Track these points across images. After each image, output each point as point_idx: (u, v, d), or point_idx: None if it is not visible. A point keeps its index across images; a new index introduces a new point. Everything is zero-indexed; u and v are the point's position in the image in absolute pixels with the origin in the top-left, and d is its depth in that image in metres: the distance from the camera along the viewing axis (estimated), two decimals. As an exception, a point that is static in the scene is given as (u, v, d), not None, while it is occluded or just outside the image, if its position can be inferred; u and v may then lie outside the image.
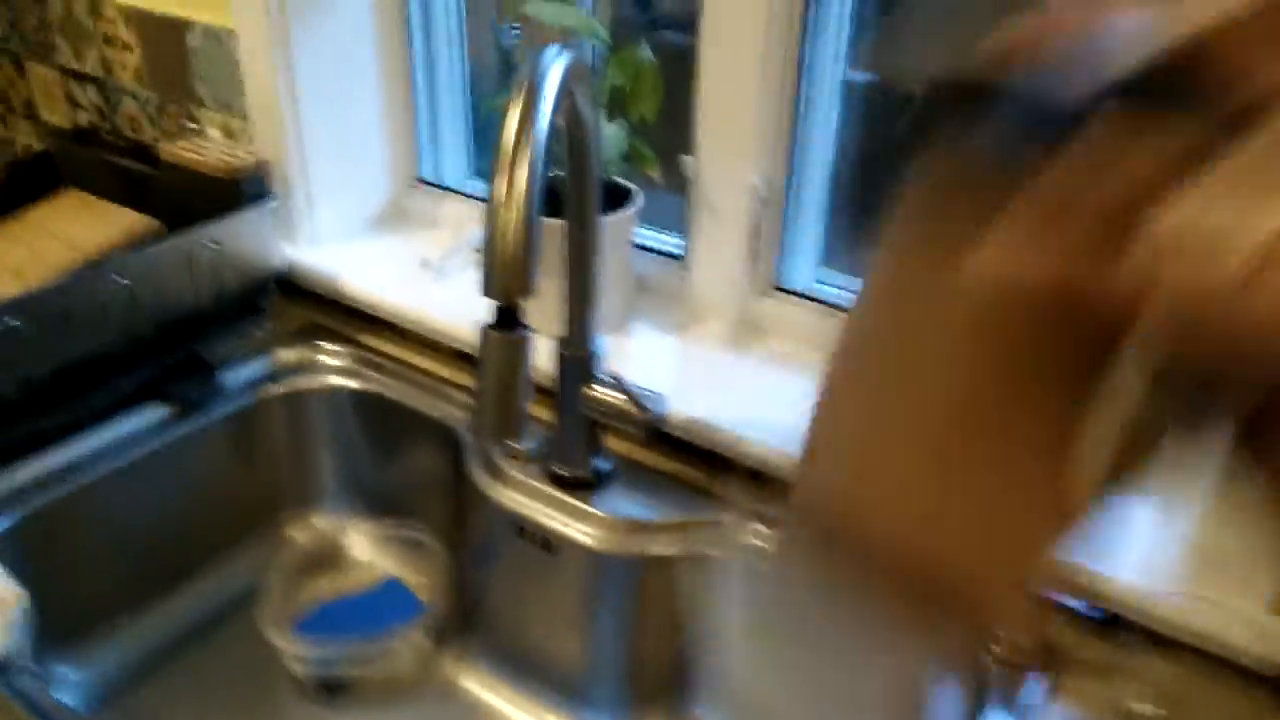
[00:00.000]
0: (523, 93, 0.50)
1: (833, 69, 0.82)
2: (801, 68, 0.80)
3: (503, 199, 0.49)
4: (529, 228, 0.49)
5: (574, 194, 0.67)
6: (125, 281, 0.82)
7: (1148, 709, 0.59)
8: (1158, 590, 0.61)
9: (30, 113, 1.29)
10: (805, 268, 0.90)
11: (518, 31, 1.07)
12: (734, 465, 0.79)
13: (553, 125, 0.51)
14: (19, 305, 0.77)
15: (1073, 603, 0.66)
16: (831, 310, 0.88)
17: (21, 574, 0.73)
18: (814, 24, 0.79)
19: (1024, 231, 0.22)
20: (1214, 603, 0.59)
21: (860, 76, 0.86)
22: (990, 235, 0.23)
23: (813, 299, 0.89)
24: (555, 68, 0.53)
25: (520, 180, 0.49)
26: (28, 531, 0.80)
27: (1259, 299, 0.19)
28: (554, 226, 0.72)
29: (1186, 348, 0.20)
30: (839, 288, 0.89)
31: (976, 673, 0.61)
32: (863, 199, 0.89)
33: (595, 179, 0.66)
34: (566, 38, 0.86)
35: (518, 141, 0.49)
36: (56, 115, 1.25)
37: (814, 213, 0.88)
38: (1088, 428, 0.24)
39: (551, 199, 0.70)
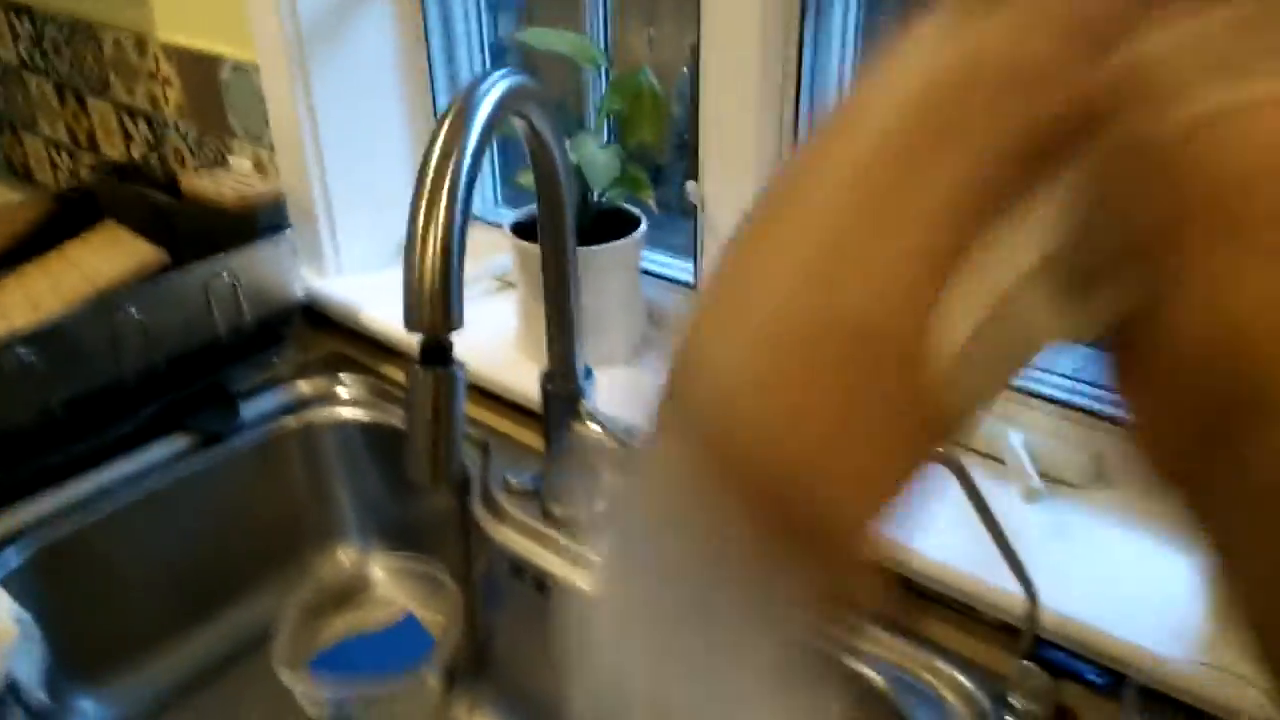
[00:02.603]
0: (448, 120, 0.48)
1: (839, 84, 0.78)
2: (800, 85, 0.76)
3: (421, 231, 0.47)
4: (449, 259, 0.47)
5: (545, 220, 0.65)
6: (134, 312, 0.83)
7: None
8: (1172, 655, 0.55)
9: (94, 147, 1.34)
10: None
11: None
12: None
13: (479, 154, 0.48)
14: (30, 337, 0.78)
15: (1081, 667, 0.60)
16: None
17: (39, 606, 0.74)
18: (815, 40, 0.75)
19: (1022, 12, 0.22)
20: (1229, 670, 0.52)
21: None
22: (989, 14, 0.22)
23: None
24: (492, 93, 0.50)
25: (440, 211, 0.47)
26: (46, 563, 0.81)
27: (1194, 150, 0.19)
28: (538, 252, 0.70)
29: (1116, 183, 0.20)
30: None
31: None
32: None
33: (567, 202, 0.64)
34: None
35: (440, 169, 0.47)
36: (115, 149, 1.30)
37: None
38: (983, 251, 0.22)
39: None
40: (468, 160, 0.48)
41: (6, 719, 0.66)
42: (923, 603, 0.66)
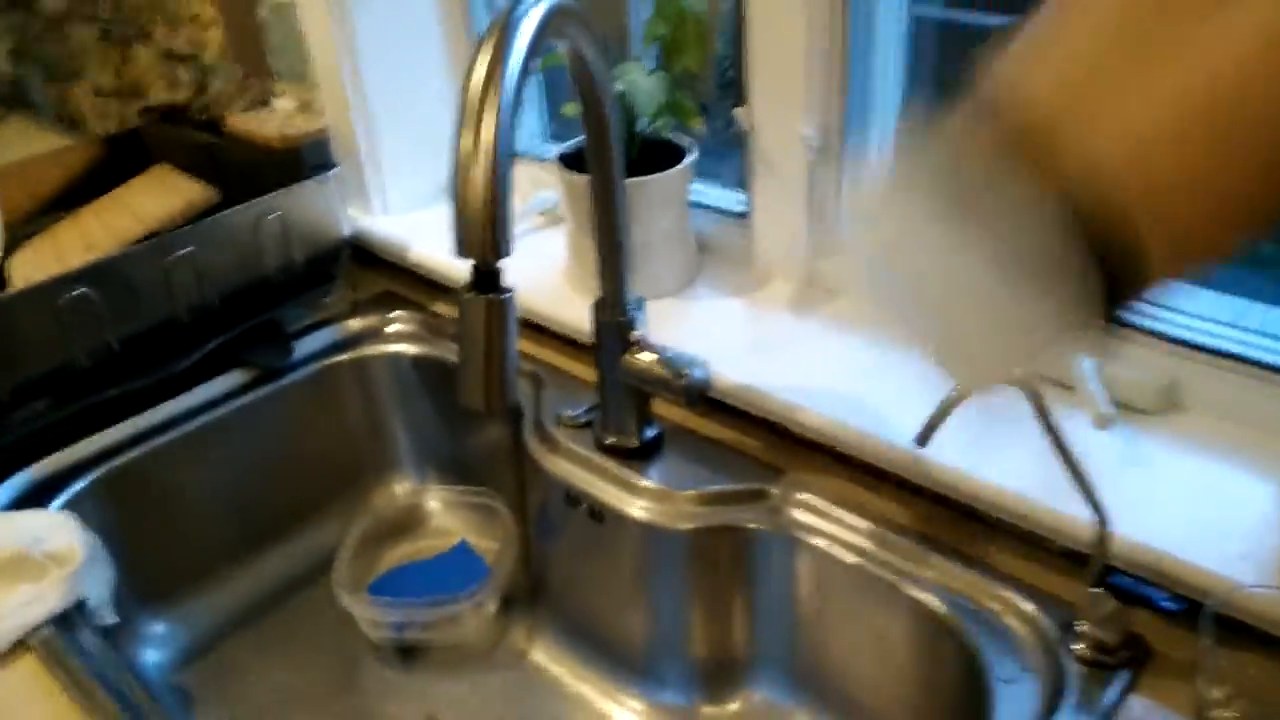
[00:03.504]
0: (492, 38, 0.47)
1: (895, 3, 0.75)
2: (849, 5, 0.73)
3: (469, 153, 0.46)
4: (498, 183, 0.46)
5: (593, 148, 0.63)
6: (185, 251, 0.84)
7: (1230, 711, 0.51)
8: (1247, 581, 0.53)
9: (138, 93, 1.35)
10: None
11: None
12: (788, 432, 0.74)
13: (522, 75, 0.47)
14: (85, 275, 0.79)
15: (1153, 593, 0.58)
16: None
17: (106, 531, 0.75)
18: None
19: None
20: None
21: (935, 12, 0.78)
22: None
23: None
24: (533, 12, 0.49)
25: (487, 132, 0.45)
26: (112, 491, 0.83)
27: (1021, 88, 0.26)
28: (588, 184, 0.69)
29: None
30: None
31: (1056, 666, 0.55)
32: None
33: (613, 131, 0.62)
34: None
35: (484, 91, 0.46)
36: (161, 94, 1.30)
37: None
38: None
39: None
40: (510, 82, 0.47)
41: (76, 637, 0.68)
42: (987, 530, 0.65)
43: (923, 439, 0.50)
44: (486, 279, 0.48)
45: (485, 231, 0.46)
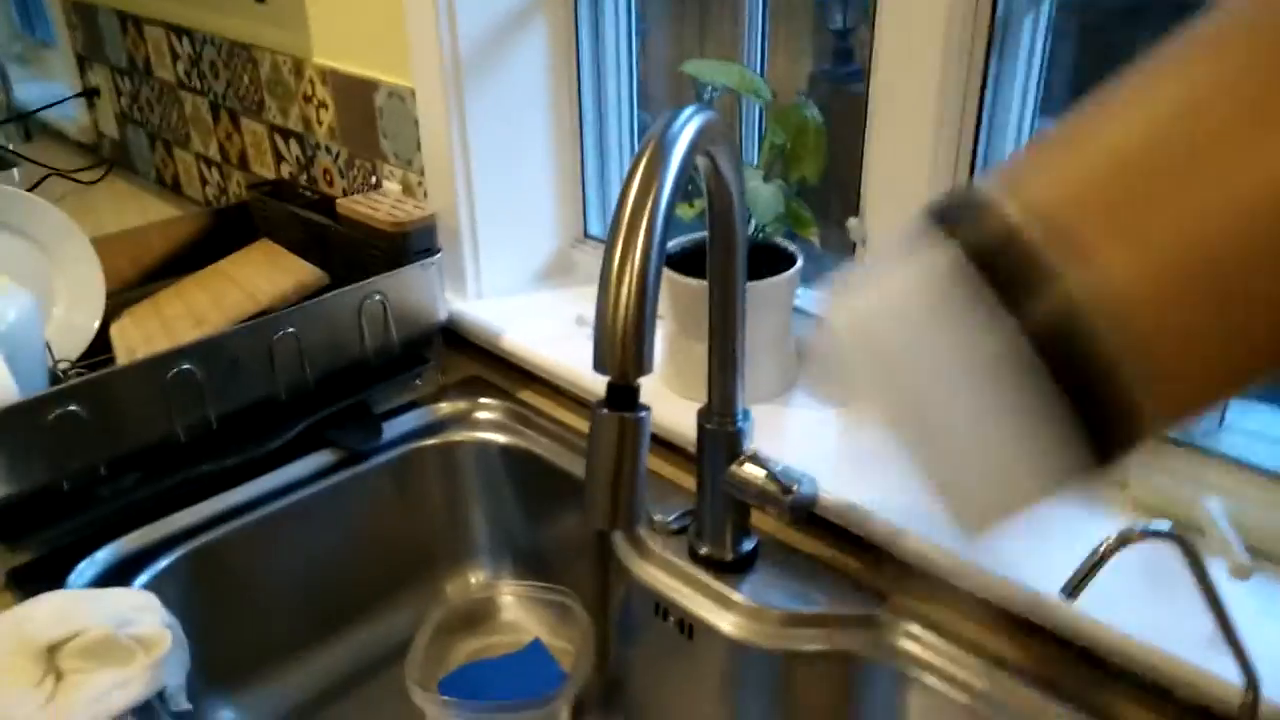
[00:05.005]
0: (646, 157, 0.47)
1: (1018, 127, 0.74)
2: (980, 128, 0.73)
3: (616, 269, 0.45)
4: (645, 301, 0.45)
5: (717, 258, 0.62)
6: (292, 330, 0.84)
7: None
8: None
9: (244, 164, 1.38)
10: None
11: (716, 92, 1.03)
12: (892, 557, 0.72)
13: (676, 193, 0.47)
14: (193, 351, 0.80)
15: None
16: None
17: (183, 612, 0.75)
18: (997, 76, 0.72)
19: None
20: None
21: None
22: None
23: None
24: (686, 130, 0.49)
25: (637, 250, 0.45)
26: (191, 570, 0.82)
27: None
28: (701, 289, 0.68)
29: None
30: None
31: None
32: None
33: (740, 244, 0.62)
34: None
35: (636, 209, 0.46)
36: (265, 168, 1.33)
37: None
38: None
39: (701, 259, 0.66)
40: (665, 200, 0.46)
41: (153, 726, 0.66)
42: (1112, 680, 0.61)
43: (1074, 591, 0.47)
44: (623, 396, 0.47)
45: (627, 349, 0.45)
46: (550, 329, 1.00)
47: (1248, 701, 0.51)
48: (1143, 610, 0.59)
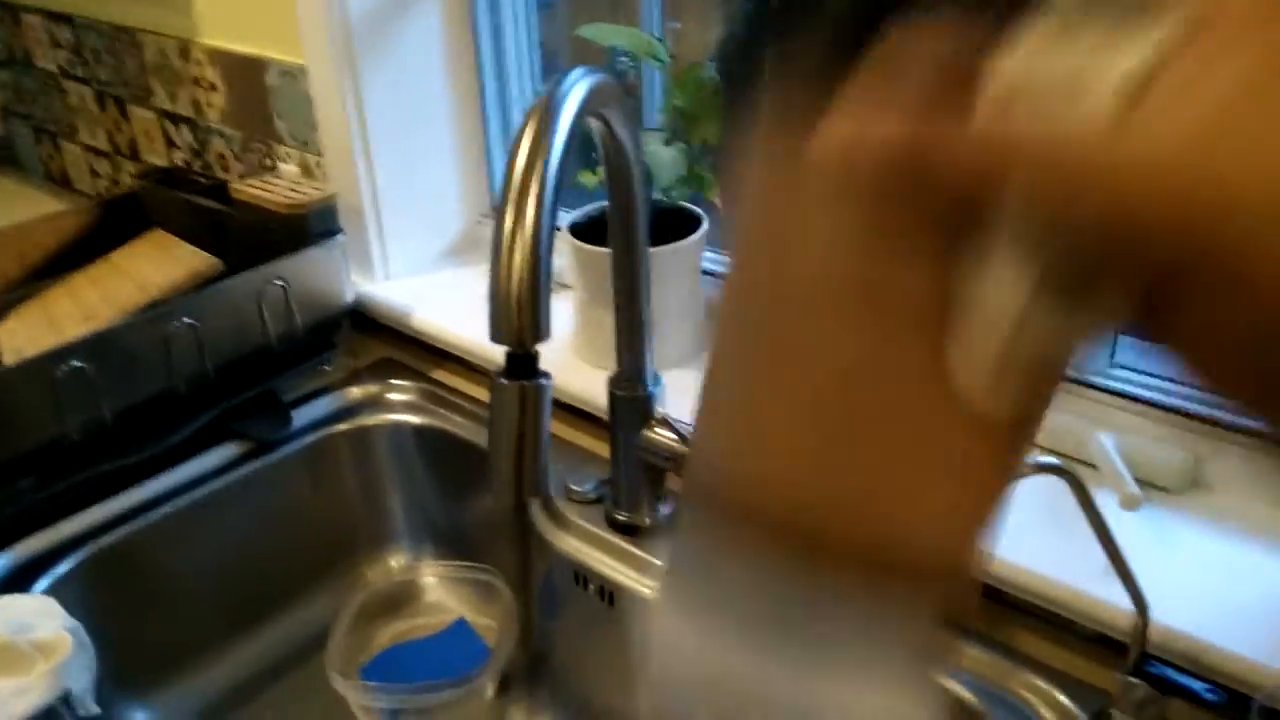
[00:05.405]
0: (533, 122, 0.46)
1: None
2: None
3: (508, 237, 0.45)
4: (537, 266, 0.45)
5: (618, 223, 0.62)
6: (188, 321, 0.82)
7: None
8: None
9: (134, 153, 1.33)
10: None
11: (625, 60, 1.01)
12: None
13: (565, 156, 0.46)
14: (82, 347, 0.77)
15: (1191, 683, 0.57)
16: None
17: (88, 615, 0.72)
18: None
19: (864, 97, 0.20)
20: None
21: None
22: (834, 108, 0.21)
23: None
24: (574, 93, 0.48)
25: (528, 216, 0.45)
26: (96, 572, 0.80)
27: (1135, 143, 0.17)
28: (606, 256, 0.68)
29: (1060, 213, 0.18)
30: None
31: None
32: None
33: (640, 207, 0.62)
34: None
35: (525, 175, 0.45)
36: (158, 156, 1.29)
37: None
38: (969, 320, 0.21)
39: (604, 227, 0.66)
40: (554, 164, 0.46)
41: (60, 733, 0.65)
42: (1013, 614, 0.63)
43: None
44: (522, 364, 0.47)
45: (523, 317, 0.45)
46: (461, 306, 0.99)
47: (1139, 626, 0.53)
48: (1041, 544, 0.61)
